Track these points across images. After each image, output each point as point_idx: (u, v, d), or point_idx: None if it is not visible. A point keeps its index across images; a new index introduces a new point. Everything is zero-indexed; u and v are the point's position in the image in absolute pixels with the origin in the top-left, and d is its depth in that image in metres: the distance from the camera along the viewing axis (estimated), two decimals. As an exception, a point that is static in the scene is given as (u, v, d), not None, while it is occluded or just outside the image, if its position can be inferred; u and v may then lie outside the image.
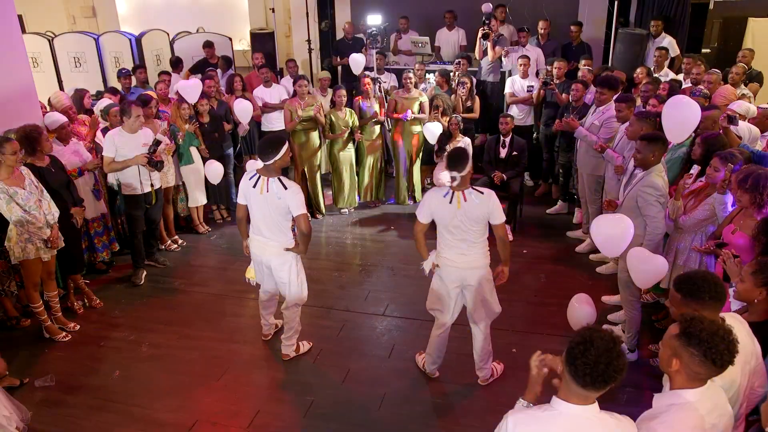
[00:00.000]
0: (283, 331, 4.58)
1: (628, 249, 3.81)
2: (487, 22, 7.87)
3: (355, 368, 4.45)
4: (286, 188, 3.98)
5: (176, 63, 8.42)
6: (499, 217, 3.81)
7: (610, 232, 3.77)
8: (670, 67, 7.47)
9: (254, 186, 4.02)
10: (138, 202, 5.56)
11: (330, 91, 7.78)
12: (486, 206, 3.77)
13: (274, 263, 4.22)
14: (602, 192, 6.12)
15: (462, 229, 3.82)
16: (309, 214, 4.15)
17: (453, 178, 3.69)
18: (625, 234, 3.71)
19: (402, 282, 5.66)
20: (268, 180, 3.99)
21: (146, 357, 4.62)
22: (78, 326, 5.00)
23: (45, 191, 4.57)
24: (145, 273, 5.80)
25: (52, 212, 4.57)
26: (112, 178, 5.65)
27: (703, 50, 9.54)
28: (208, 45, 8.82)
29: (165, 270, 5.98)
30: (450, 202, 3.76)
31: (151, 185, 5.57)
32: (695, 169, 4.10)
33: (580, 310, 4.07)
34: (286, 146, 4.02)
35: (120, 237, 6.14)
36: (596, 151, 5.53)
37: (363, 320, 5.07)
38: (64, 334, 4.87)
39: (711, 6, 9.64)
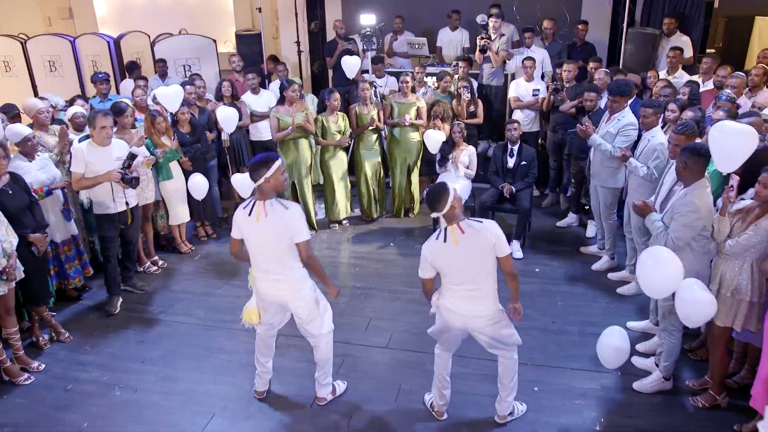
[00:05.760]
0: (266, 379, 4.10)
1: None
2: (485, 32, 7.42)
3: (359, 415, 3.92)
4: (286, 208, 3.45)
5: (131, 68, 7.87)
6: (504, 248, 3.32)
7: (656, 274, 3.28)
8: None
9: (250, 214, 3.48)
10: (112, 223, 5.00)
11: (310, 96, 7.40)
12: (488, 237, 3.28)
13: (290, 300, 3.66)
14: (619, 208, 5.68)
15: (465, 270, 3.34)
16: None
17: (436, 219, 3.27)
18: (674, 275, 3.23)
19: (406, 308, 5.14)
20: (264, 203, 3.46)
21: (119, 403, 4.05)
22: (42, 366, 4.42)
23: (2, 216, 4.00)
24: (120, 301, 5.24)
25: (10, 239, 4.00)
26: (83, 196, 5.10)
27: (708, 50, 9.15)
28: (274, 60, 8.42)
29: (143, 296, 5.42)
30: (444, 241, 3.28)
31: (126, 203, 5.02)
32: (735, 179, 3.61)
33: (612, 350, 3.60)
34: (278, 163, 3.48)
35: (94, 260, 5.57)
36: (618, 160, 5.04)
37: (364, 354, 4.54)
38: (26, 376, 4.28)
39: (716, 4, 9.25)
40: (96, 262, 5.55)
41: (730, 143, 3.41)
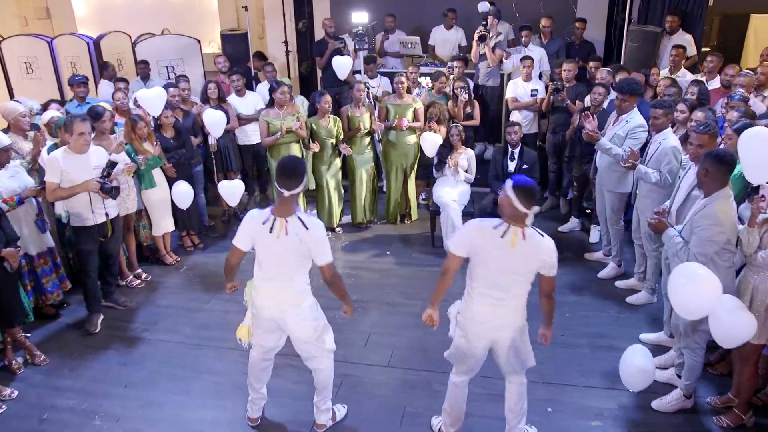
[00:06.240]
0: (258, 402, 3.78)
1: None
2: (484, 23, 7.13)
3: (361, 442, 3.65)
4: (307, 228, 3.20)
5: (103, 69, 7.63)
6: (552, 270, 3.14)
7: (692, 294, 3.04)
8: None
9: (270, 230, 3.21)
10: (90, 235, 4.67)
11: (300, 98, 7.10)
12: (543, 253, 3.08)
13: (290, 314, 3.38)
14: (625, 212, 5.44)
15: (506, 274, 3.12)
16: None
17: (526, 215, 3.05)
18: (712, 294, 2.98)
19: (406, 322, 4.85)
20: (286, 220, 3.20)
21: (100, 434, 3.75)
22: (15, 393, 4.07)
23: (-33, 231, 3.68)
24: (101, 318, 4.90)
25: (-24, 258, 3.68)
26: (60, 209, 4.75)
27: (703, 48, 8.99)
28: (261, 57, 8.28)
29: (125, 313, 5.08)
30: (502, 237, 3.02)
31: (106, 214, 4.69)
32: (765, 189, 3.35)
33: (637, 371, 3.36)
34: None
35: (72, 273, 5.24)
36: (625, 167, 4.78)
37: (365, 374, 4.26)
38: (-3, 405, 3.96)
39: (710, 2, 9.10)
40: (74, 275, 5.22)
41: (764, 151, 3.15)
